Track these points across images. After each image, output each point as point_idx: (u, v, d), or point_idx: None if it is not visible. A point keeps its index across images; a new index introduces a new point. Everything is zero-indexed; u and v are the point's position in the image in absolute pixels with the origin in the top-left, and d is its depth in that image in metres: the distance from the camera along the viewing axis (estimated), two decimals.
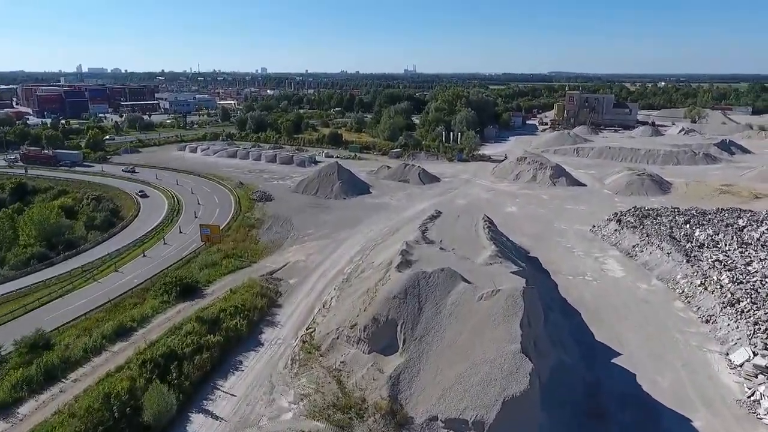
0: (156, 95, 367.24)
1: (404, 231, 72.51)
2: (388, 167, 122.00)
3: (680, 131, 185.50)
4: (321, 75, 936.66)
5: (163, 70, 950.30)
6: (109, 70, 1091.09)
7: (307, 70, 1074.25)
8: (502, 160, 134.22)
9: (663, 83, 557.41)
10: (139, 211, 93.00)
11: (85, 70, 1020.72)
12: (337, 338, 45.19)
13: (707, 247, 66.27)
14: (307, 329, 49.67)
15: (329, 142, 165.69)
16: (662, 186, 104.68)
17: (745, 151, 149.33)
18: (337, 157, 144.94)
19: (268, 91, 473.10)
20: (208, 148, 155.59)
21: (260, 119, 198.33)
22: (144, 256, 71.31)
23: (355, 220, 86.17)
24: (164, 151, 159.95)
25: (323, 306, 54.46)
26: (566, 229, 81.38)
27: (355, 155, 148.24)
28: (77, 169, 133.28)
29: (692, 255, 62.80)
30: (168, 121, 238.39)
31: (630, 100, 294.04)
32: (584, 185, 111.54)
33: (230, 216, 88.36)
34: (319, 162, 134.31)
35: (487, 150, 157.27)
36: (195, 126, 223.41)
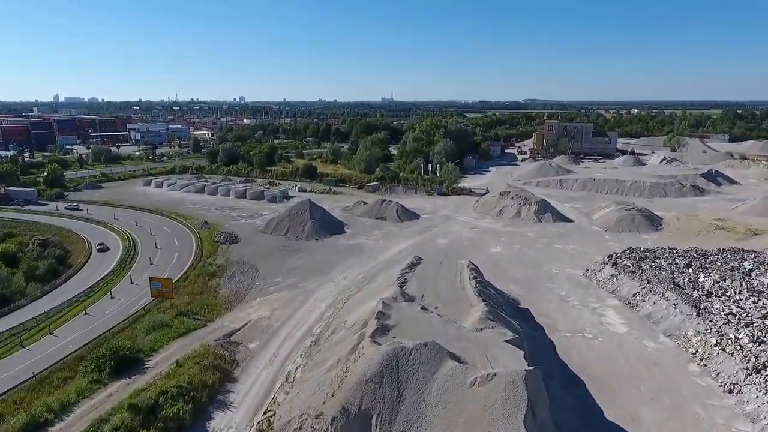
0: (128, 126, 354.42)
1: (381, 280, 65.22)
2: (364, 203, 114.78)
3: (662, 161, 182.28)
4: (299, 104, 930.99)
5: (140, 99, 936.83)
6: (86, 100, 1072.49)
7: (285, 99, 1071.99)
8: (484, 194, 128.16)
9: (636, 110, 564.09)
10: (88, 259, 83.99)
11: (62, 99, 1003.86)
12: (300, 429, 37.24)
13: (715, 295, 60.02)
14: (264, 413, 41.52)
15: (303, 174, 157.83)
16: (654, 222, 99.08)
17: (731, 181, 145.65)
18: (311, 191, 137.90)
19: (245, 120, 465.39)
20: (175, 183, 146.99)
21: (232, 151, 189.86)
22: (86, 313, 62.54)
23: (328, 265, 78.57)
24: (128, 186, 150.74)
25: (286, 379, 46.38)
26: (557, 273, 74.72)
27: (330, 189, 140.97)
28: (30, 208, 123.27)
29: (701, 307, 56.36)
30: (137, 153, 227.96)
31: (607, 128, 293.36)
32: (571, 221, 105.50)
33: (189, 263, 79.68)
34: (293, 197, 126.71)
35: (468, 182, 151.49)
36: (164, 158, 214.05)
